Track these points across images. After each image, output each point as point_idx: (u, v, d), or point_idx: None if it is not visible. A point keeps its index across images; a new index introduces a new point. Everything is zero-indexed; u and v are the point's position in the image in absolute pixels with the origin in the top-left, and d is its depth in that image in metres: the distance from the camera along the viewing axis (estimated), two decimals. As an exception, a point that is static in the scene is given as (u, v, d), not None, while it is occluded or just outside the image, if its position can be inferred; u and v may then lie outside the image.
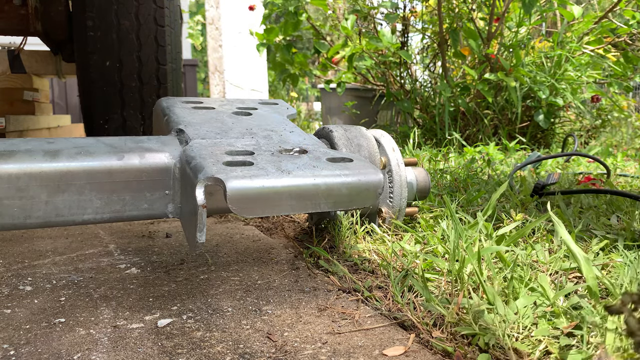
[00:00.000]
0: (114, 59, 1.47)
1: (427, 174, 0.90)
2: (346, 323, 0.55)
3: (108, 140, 0.61)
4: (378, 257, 0.74)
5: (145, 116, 1.55)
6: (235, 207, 0.52)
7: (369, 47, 2.52)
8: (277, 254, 0.82)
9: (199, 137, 0.64)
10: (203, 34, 7.38)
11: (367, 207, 0.83)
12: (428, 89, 2.79)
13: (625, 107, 2.81)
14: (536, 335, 0.47)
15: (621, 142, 2.70)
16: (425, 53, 3.04)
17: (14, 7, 1.63)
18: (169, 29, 1.54)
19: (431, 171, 1.50)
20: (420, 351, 0.48)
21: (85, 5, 1.44)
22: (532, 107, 2.49)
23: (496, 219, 0.88)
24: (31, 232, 0.98)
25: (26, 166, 0.54)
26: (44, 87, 2.46)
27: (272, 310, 0.59)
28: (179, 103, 0.77)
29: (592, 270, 0.54)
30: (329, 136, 0.79)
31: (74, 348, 0.50)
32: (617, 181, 1.46)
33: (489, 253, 0.61)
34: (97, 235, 0.96)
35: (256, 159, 0.59)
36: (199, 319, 0.57)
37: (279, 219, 1.05)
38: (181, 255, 0.82)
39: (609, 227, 0.81)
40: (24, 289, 0.67)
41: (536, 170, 1.64)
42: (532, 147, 2.41)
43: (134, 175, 0.58)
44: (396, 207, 0.81)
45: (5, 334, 0.53)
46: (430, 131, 2.52)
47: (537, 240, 0.76)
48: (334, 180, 0.57)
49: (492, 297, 0.51)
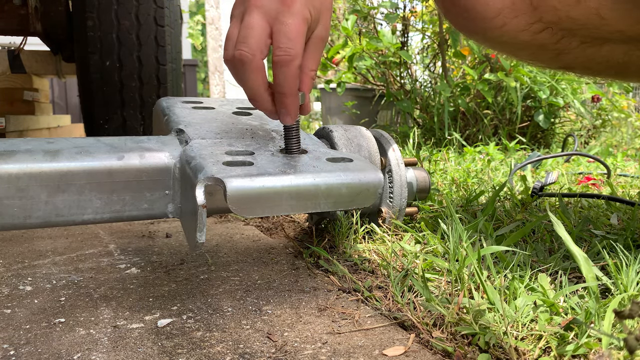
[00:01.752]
0: (114, 59, 1.47)
1: (427, 174, 0.90)
2: (346, 323, 0.55)
3: (108, 140, 0.61)
4: (378, 257, 0.74)
5: (145, 116, 1.55)
6: (235, 207, 0.52)
7: (369, 47, 2.52)
8: (277, 254, 0.82)
9: (199, 137, 0.64)
10: (203, 34, 7.38)
11: (367, 207, 0.83)
12: (428, 89, 2.79)
13: (625, 107, 2.81)
14: (536, 331, 0.47)
15: (621, 142, 2.70)
16: (425, 53, 3.04)
17: (14, 7, 1.63)
18: (169, 29, 1.54)
19: (431, 171, 1.51)
20: (420, 351, 0.48)
21: (85, 5, 1.44)
22: (532, 107, 2.49)
23: (496, 219, 0.88)
24: (31, 232, 0.98)
25: (26, 166, 0.54)
26: (44, 87, 2.46)
27: (272, 310, 0.59)
28: (179, 103, 0.77)
29: (592, 270, 0.54)
30: (329, 136, 0.79)
31: (74, 348, 0.50)
32: (617, 181, 1.46)
33: (489, 253, 0.61)
34: (97, 235, 0.96)
35: (256, 159, 0.59)
36: (199, 319, 0.57)
37: (279, 219, 1.05)
38: (181, 255, 0.82)
39: (609, 227, 0.81)
40: (24, 289, 0.67)
41: (536, 170, 1.64)
42: (532, 147, 2.41)
43: (134, 175, 0.58)
44: (396, 207, 0.81)
45: (5, 334, 0.53)
46: (430, 131, 2.52)
47: (537, 240, 0.76)
48: (334, 180, 0.57)
49: (492, 296, 0.51)
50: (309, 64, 0.60)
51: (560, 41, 0.69)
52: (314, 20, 0.59)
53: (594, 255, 0.68)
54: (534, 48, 0.71)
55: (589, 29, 0.65)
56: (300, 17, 0.56)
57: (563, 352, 0.43)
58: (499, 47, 0.76)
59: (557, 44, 0.69)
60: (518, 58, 0.81)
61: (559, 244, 0.73)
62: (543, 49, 0.71)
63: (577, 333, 0.45)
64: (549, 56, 0.73)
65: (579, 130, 2.71)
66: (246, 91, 0.59)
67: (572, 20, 0.65)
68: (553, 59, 0.74)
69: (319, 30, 0.60)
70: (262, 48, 0.56)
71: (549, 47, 0.70)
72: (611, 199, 0.95)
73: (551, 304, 0.51)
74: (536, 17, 0.67)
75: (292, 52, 0.56)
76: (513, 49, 0.74)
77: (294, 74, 0.57)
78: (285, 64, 0.56)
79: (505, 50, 0.77)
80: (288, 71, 0.56)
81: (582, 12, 0.64)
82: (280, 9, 0.56)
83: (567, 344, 0.44)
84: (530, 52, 0.74)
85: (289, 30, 0.56)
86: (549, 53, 0.72)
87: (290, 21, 0.56)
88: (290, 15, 0.56)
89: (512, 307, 0.51)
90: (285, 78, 0.57)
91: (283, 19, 0.56)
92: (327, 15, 0.61)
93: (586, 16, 0.64)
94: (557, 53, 0.71)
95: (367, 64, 2.66)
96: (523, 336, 0.47)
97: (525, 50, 0.73)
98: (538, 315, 0.50)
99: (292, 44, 0.56)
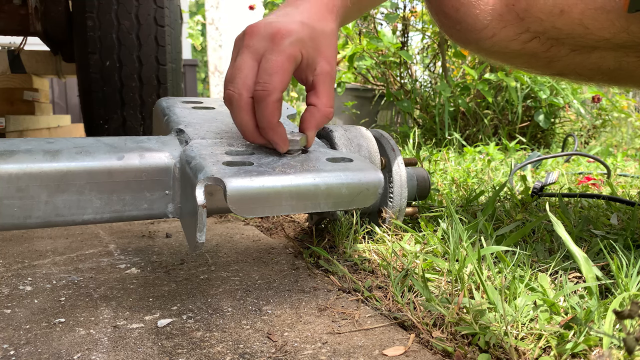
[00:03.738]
0: (114, 59, 1.47)
1: (427, 174, 0.90)
2: (346, 323, 0.55)
3: (108, 140, 0.61)
4: (378, 257, 0.74)
5: (145, 116, 1.55)
6: (235, 207, 0.52)
7: (369, 47, 2.52)
8: (277, 254, 0.82)
9: (199, 137, 0.64)
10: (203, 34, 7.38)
11: (367, 207, 0.83)
12: (428, 89, 2.79)
13: (625, 107, 2.81)
14: (536, 330, 0.47)
15: (621, 142, 2.70)
16: (425, 53, 3.04)
17: (14, 7, 1.63)
18: (169, 29, 1.54)
19: (431, 171, 1.51)
20: (420, 351, 0.48)
21: (85, 5, 1.44)
22: (532, 107, 2.49)
23: (496, 219, 0.88)
24: (31, 232, 0.98)
25: (26, 166, 0.54)
26: (44, 87, 2.46)
27: (272, 310, 0.59)
28: (179, 103, 0.77)
29: (591, 270, 0.54)
30: (329, 136, 0.79)
31: (74, 348, 0.50)
32: (617, 181, 1.46)
33: (489, 253, 0.61)
34: (97, 235, 0.96)
35: (256, 159, 0.59)
36: (199, 319, 0.57)
37: (279, 219, 1.05)
38: (181, 255, 0.82)
39: (609, 227, 0.81)
40: (24, 289, 0.67)
41: (536, 170, 1.64)
42: (532, 147, 2.42)
43: (134, 175, 0.58)
44: (396, 207, 0.81)
45: (5, 334, 0.53)
46: (430, 131, 2.52)
47: (537, 240, 0.76)
48: (334, 180, 0.57)
49: (492, 296, 0.51)
50: (318, 101, 0.61)
51: (550, 49, 0.71)
52: (309, 57, 0.59)
53: (594, 255, 0.68)
54: (526, 56, 0.74)
55: (574, 37, 0.67)
56: (285, 55, 0.57)
57: (562, 351, 0.43)
58: (493, 57, 0.78)
59: (547, 52, 0.71)
60: (513, 66, 0.83)
61: (559, 244, 0.73)
62: (535, 57, 0.73)
63: (577, 332, 0.45)
64: (542, 64, 0.75)
65: (579, 130, 2.71)
66: (237, 127, 0.60)
67: (557, 30, 0.67)
68: (545, 66, 0.76)
69: (322, 65, 0.61)
70: (249, 86, 0.57)
71: (540, 55, 0.72)
72: (611, 199, 0.95)
73: (551, 303, 0.51)
74: (523, 28, 0.69)
75: (269, 86, 0.56)
76: (506, 57, 0.77)
77: (272, 108, 0.57)
78: (262, 99, 0.56)
79: (500, 59, 0.79)
80: (265, 106, 0.56)
81: (566, 22, 0.65)
82: (269, 47, 0.57)
83: (567, 342, 0.44)
84: (524, 61, 0.76)
85: (270, 66, 0.56)
86: (540, 61, 0.74)
87: (274, 57, 0.56)
88: (275, 52, 0.57)
89: (512, 307, 0.51)
90: (262, 113, 0.57)
91: (268, 56, 0.57)
92: (329, 51, 0.61)
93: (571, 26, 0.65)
94: (549, 61, 0.73)
95: (367, 63, 2.66)
96: (523, 336, 0.47)
97: (518, 58, 0.76)
98: (538, 314, 0.50)
99: (270, 79, 0.56)
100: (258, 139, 0.61)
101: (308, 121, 0.62)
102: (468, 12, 0.70)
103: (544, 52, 0.71)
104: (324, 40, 0.61)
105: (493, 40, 0.72)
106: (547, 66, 0.75)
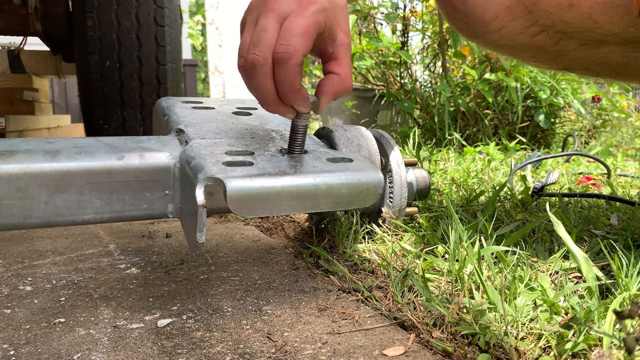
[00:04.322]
0: (114, 59, 1.47)
1: (427, 174, 0.90)
2: (346, 323, 0.55)
3: (108, 140, 0.61)
4: (378, 257, 0.74)
5: (145, 116, 1.55)
6: (235, 207, 0.52)
7: (369, 47, 2.52)
8: (277, 254, 0.82)
9: (199, 137, 0.64)
10: (203, 34, 7.38)
11: (368, 207, 0.83)
12: (428, 89, 2.79)
13: (625, 107, 2.81)
14: (536, 330, 0.47)
15: (621, 142, 2.70)
16: (425, 53, 3.04)
17: (14, 7, 1.63)
18: (169, 29, 1.54)
19: (431, 171, 1.51)
20: (420, 351, 0.48)
21: (85, 5, 1.44)
22: (532, 107, 2.49)
23: (496, 219, 0.88)
24: (31, 232, 0.98)
25: (26, 166, 0.54)
26: (44, 87, 2.46)
27: (272, 310, 0.59)
28: (179, 103, 0.77)
29: (592, 270, 0.54)
30: (329, 136, 0.79)
31: (74, 348, 0.50)
32: (617, 181, 1.46)
33: (489, 253, 0.61)
34: (97, 235, 0.96)
35: (256, 159, 0.59)
36: (199, 319, 0.57)
37: (279, 219, 1.05)
38: (181, 255, 0.82)
39: (610, 227, 0.81)
40: (24, 289, 0.67)
41: (536, 170, 1.64)
42: (532, 147, 2.42)
43: (134, 175, 0.58)
44: (396, 207, 0.81)
45: (5, 334, 0.53)
46: (430, 131, 2.52)
47: (537, 240, 0.76)
48: (334, 180, 0.57)
49: (492, 296, 0.51)
50: (341, 70, 0.60)
51: (558, 43, 0.70)
52: (330, 27, 0.58)
53: (594, 255, 0.68)
54: (534, 50, 0.73)
55: (583, 32, 0.66)
56: (311, 20, 0.55)
57: (562, 351, 0.43)
58: (501, 50, 0.77)
59: (555, 46, 0.71)
60: (520, 60, 0.82)
61: (559, 244, 0.72)
62: (542, 51, 0.72)
63: (576, 331, 0.45)
64: (549, 58, 0.74)
65: (579, 130, 2.72)
66: (257, 96, 0.58)
67: (566, 23, 0.66)
68: (553, 60, 0.75)
69: (341, 37, 0.60)
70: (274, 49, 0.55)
71: (547, 49, 0.71)
72: (611, 198, 0.95)
73: (551, 303, 0.51)
74: (532, 21, 0.68)
75: (292, 48, 0.54)
76: (513, 50, 0.76)
77: (297, 71, 0.55)
78: (285, 61, 0.54)
79: (507, 52, 0.78)
80: (288, 68, 0.54)
81: (574, 16, 0.65)
82: (294, 9, 0.55)
83: (567, 342, 0.44)
84: (531, 54, 0.75)
85: (295, 28, 0.54)
86: (548, 55, 0.73)
87: (300, 21, 0.55)
88: (302, 16, 0.55)
89: (512, 307, 0.51)
90: (285, 76, 0.55)
91: (294, 19, 0.55)
92: (346, 24, 0.61)
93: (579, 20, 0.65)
94: (556, 55, 0.72)
95: (367, 63, 2.66)
96: (523, 336, 0.47)
97: (526, 52, 0.75)
98: (538, 314, 0.50)
99: (294, 41, 0.54)
100: (279, 107, 0.58)
101: (327, 87, 0.60)
102: (476, 5, 0.69)
103: (551, 45, 0.71)
104: (341, 13, 0.60)
105: (501, 33, 0.71)
106: (555, 60, 0.75)
